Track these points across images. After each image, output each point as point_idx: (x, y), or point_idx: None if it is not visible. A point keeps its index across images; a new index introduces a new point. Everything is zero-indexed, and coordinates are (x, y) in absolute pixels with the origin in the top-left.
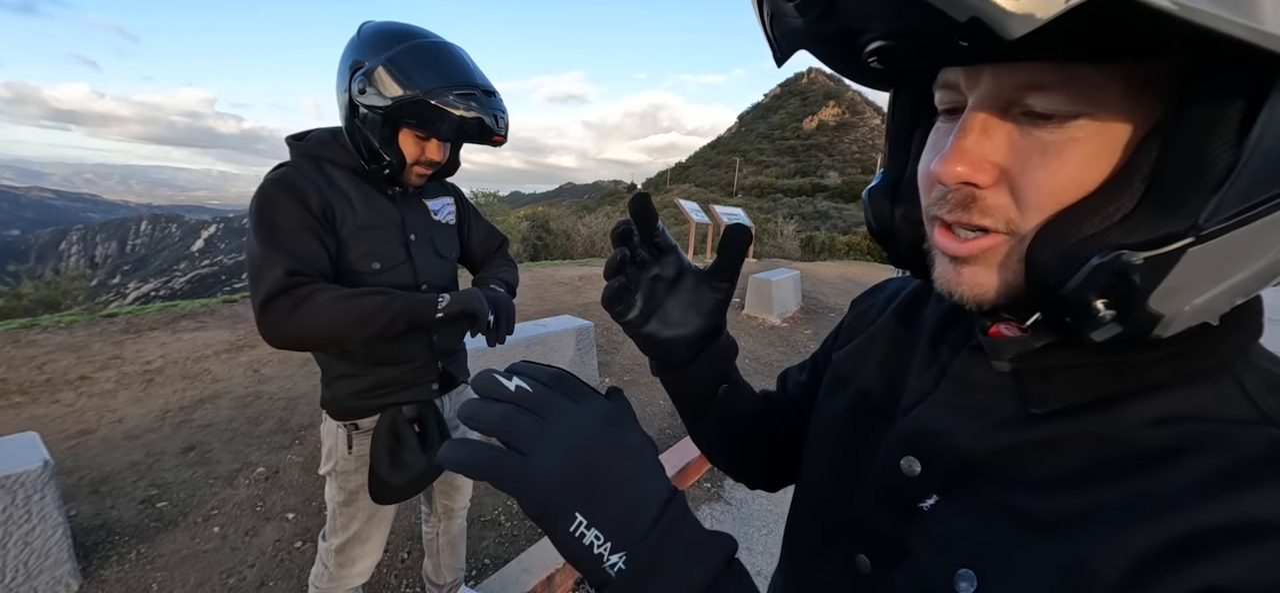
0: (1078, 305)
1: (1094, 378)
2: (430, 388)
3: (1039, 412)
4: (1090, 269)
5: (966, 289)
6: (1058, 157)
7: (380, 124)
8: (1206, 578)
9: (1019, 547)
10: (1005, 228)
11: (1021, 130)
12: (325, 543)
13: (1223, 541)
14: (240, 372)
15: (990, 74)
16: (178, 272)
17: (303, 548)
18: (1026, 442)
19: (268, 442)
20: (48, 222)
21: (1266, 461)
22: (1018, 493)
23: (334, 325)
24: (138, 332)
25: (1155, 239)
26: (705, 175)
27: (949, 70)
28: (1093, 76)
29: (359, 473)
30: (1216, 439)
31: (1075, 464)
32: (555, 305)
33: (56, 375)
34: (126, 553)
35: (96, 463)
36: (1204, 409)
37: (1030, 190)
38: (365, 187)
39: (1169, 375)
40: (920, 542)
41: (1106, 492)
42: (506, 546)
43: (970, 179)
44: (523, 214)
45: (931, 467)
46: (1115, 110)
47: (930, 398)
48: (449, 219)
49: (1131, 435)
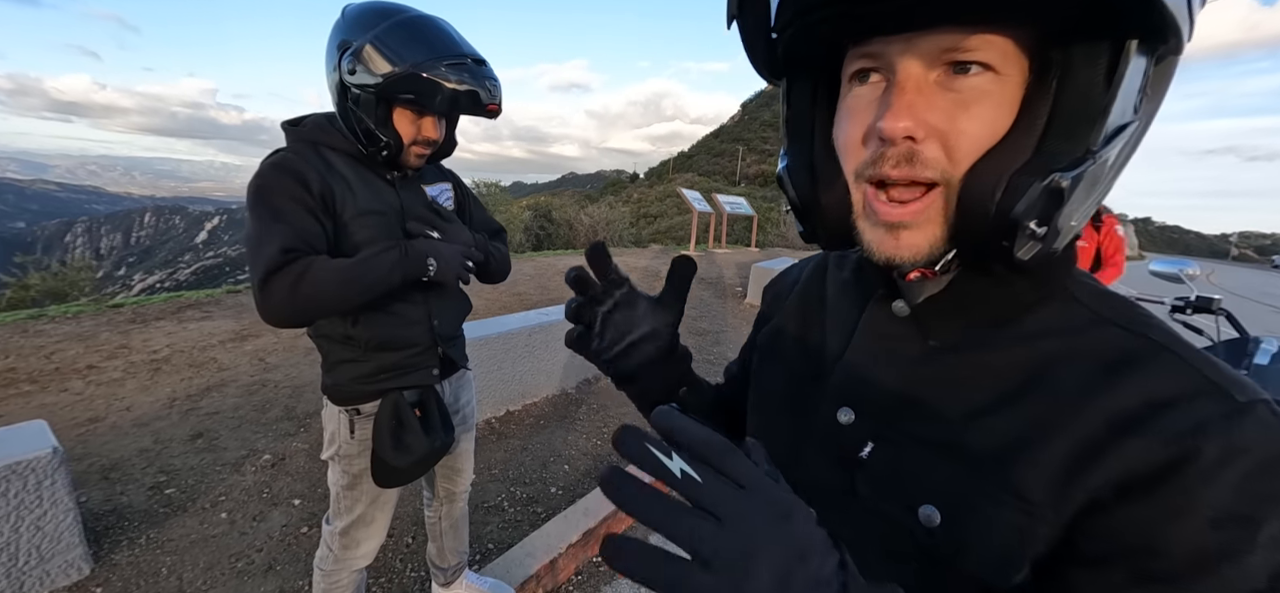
0: (1014, 226)
1: (979, 308)
2: (431, 373)
3: (937, 345)
4: (1036, 192)
5: (905, 250)
6: (975, 108)
7: (374, 104)
8: (1112, 468)
9: (965, 473)
10: (940, 177)
11: (943, 89)
12: (329, 527)
13: (1119, 431)
14: (246, 360)
15: (921, 39)
16: (182, 263)
17: (309, 533)
18: (940, 376)
19: (274, 429)
20: (53, 214)
21: (1122, 355)
22: (943, 428)
23: (337, 295)
24: (144, 322)
25: (1071, 164)
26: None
27: (875, 41)
28: (996, 38)
29: (362, 457)
30: (1077, 349)
31: (989, 394)
32: (557, 294)
33: (65, 365)
34: (137, 538)
35: (106, 450)
36: (1062, 320)
37: (958, 139)
38: (364, 171)
39: (1032, 299)
40: (868, 484)
41: (1017, 416)
42: (510, 530)
43: (912, 133)
44: (525, 204)
45: (863, 411)
46: (1012, 66)
47: (849, 351)
48: (448, 204)
49: (1014, 359)
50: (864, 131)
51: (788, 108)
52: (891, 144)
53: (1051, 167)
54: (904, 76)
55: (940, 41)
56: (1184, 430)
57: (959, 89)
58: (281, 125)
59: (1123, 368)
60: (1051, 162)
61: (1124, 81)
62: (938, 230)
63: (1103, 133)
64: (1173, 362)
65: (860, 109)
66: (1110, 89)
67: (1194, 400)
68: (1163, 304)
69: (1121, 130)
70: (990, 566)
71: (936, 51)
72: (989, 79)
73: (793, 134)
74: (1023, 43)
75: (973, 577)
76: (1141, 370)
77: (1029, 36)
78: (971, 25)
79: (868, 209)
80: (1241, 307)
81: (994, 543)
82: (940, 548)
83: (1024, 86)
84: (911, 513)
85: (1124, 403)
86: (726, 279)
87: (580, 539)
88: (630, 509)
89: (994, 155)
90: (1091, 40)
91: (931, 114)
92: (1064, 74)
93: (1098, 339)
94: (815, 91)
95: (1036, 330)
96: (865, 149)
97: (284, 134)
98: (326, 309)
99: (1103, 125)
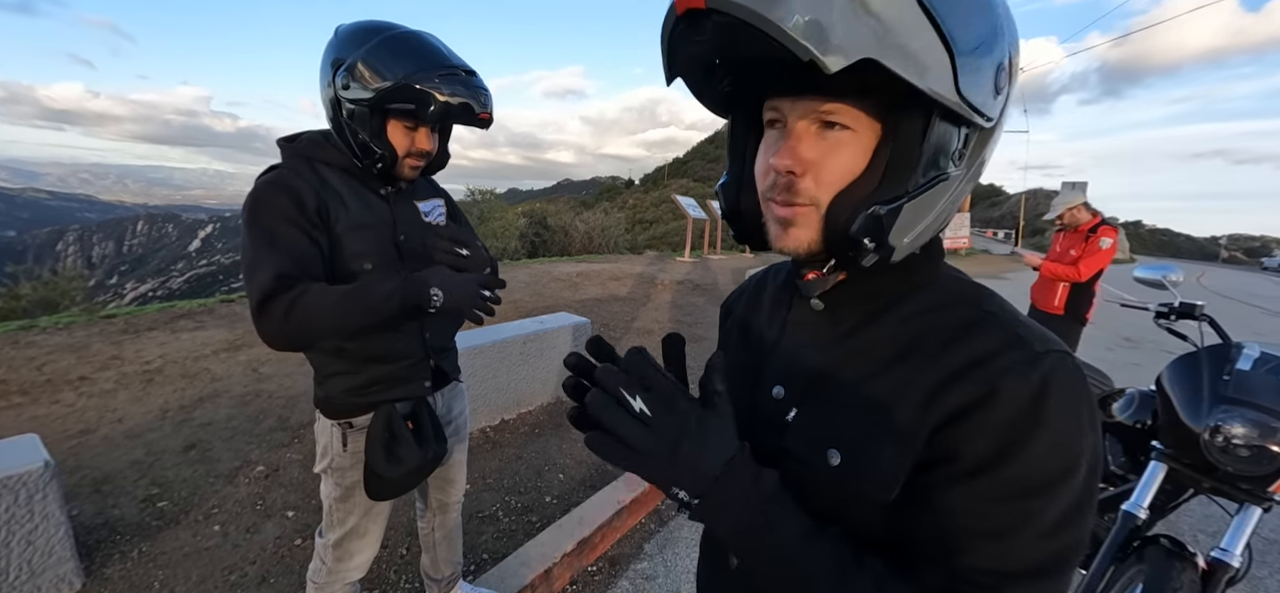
0: (856, 242)
1: (869, 298)
2: (423, 385)
3: (842, 330)
4: (861, 218)
5: (791, 241)
6: (838, 154)
7: (368, 117)
8: (949, 404)
9: (859, 422)
10: (811, 202)
11: (818, 137)
12: (322, 539)
13: (955, 378)
14: (239, 370)
15: (805, 101)
16: (175, 271)
17: (303, 545)
18: (844, 353)
19: (267, 440)
20: (44, 222)
21: (964, 325)
22: (848, 391)
23: (331, 325)
24: (137, 332)
25: (891, 199)
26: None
27: (778, 99)
28: (854, 105)
29: (354, 469)
30: (938, 323)
31: (876, 362)
32: (553, 301)
33: (56, 376)
34: (129, 551)
35: (98, 462)
36: (930, 302)
37: (825, 174)
38: (358, 186)
39: (908, 288)
40: (792, 441)
41: (895, 376)
42: (504, 540)
43: (793, 169)
44: (520, 210)
45: (790, 387)
46: (865, 125)
47: (782, 340)
48: (440, 220)
49: (895, 334)
50: (767, 164)
51: (731, 136)
52: (779, 175)
53: (877, 200)
54: (791, 127)
55: (813, 106)
56: (994, 374)
57: (827, 138)
58: (277, 142)
59: (965, 333)
60: (879, 197)
61: (930, 144)
62: (814, 234)
63: (916, 179)
64: (998, 325)
65: (769, 146)
66: (921, 148)
67: (1004, 351)
68: (1147, 310)
69: (938, 179)
70: (877, 486)
71: (811, 112)
72: (847, 134)
73: (732, 156)
74: (871, 111)
75: (864, 497)
76: (978, 334)
77: (875, 107)
78: (834, 97)
79: (770, 215)
80: (1232, 308)
81: (877, 472)
82: (841, 481)
83: (876, 141)
84: (821, 456)
85: (962, 357)
86: (721, 285)
87: (575, 548)
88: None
89: (850, 190)
90: (911, 113)
91: (809, 154)
92: (894, 135)
93: (952, 314)
94: (748, 128)
95: (910, 312)
96: (768, 176)
97: (279, 150)
98: (321, 336)
99: (916, 174)
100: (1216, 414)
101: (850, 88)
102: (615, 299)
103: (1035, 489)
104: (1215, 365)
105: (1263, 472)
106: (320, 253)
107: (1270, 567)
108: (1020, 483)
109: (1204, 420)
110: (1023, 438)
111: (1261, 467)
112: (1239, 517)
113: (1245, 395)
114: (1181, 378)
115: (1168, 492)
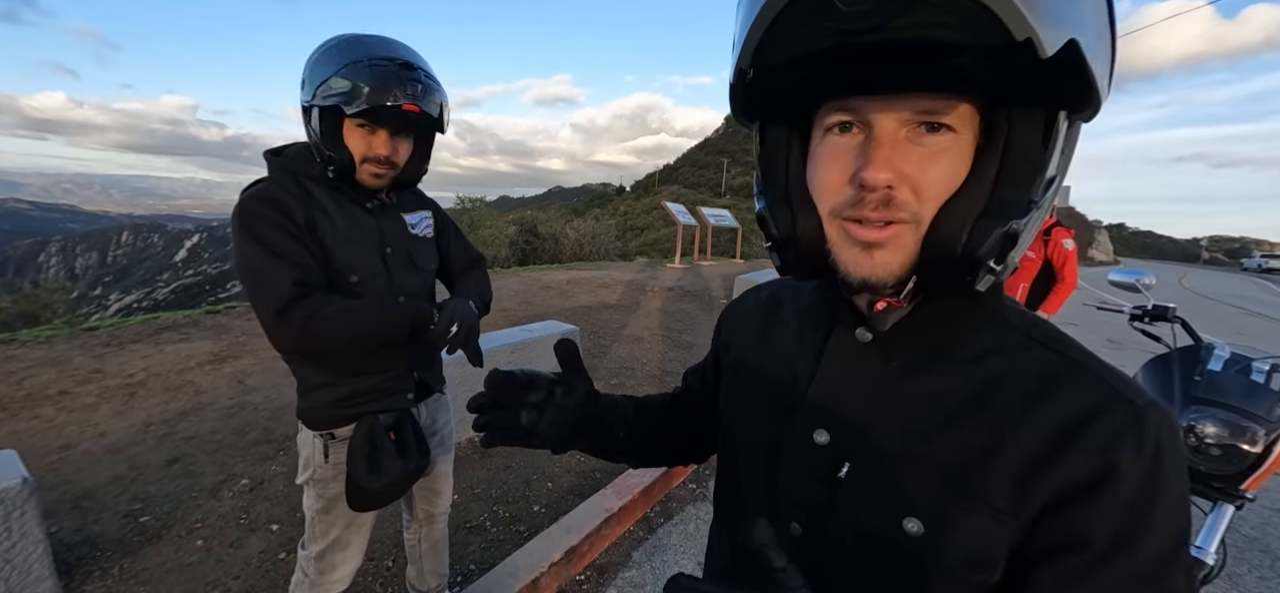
0: (979, 263)
1: (927, 331)
2: (406, 397)
3: (898, 367)
4: (996, 237)
5: (880, 269)
6: (940, 160)
7: (320, 122)
8: (1058, 479)
9: (937, 485)
10: (911, 217)
11: (912, 143)
12: (305, 552)
13: (1061, 445)
14: (224, 382)
15: (906, 98)
16: (160, 282)
17: (287, 559)
18: (903, 397)
19: (252, 452)
20: (25, 233)
21: (1047, 374)
22: (919, 446)
23: (350, 335)
24: (119, 344)
25: (1021, 211)
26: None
27: (859, 99)
28: (959, 105)
29: (336, 481)
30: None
31: (946, 412)
32: (542, 309)
33: (36, 390)
34: (109, 568)
35: (78, 478)
36: (998, 340)
37: (928, 187)
38: (342, 199)
39: (974, 321)
40: (851, 500)
41: (973, 430)
42: (492, 550)
43: (892, 182)
44: (511, 218)
45: (837, 433)
46: (967, 127)
47: (819, 375)
48: (427, 232)
49: (966, 377)
50: (845, 177)
51: (762, 148)
52: (872, 190)
53: (1007, 214)
54: (882, 132)
55: (918, 105)
56: (1106, 442)
57: (927, 145)
58: (264, 155)
59: (1052, 384)
60: (1006, 209)
61: (1057, 142)
62: (907, 257)
63: (1042, 185)
64: (1089, 377)
65: (839, 156)
66: (1047, 150)
67: (1108, 411)
68: (1122, 312)
69: (1052, 182)
70: (969, 566)
71: (912, 114)
72: (950, 137)
73: (768, 172)
74: (975, 107)
75: (951, 577)
76: (1068, 386)
77: (980, 102)
78: (943, 93)
79: (844, 236)
80: (1215, 309)
81: (970, 546)
82: (925, 554)
83: (975, 143)
84: (896, 524)
85: (1058, 418)
86: (711, 291)
87: (563, 557)
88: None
89: (956, 202)
90: (1030, 108)
91: (906, 165)
92: (1009, 136)
93: (1031, 358)
94: (789, 136)
95: (979, 351)
96: (844, 192)
97: (266, 163)
98: (333, 347)
99: (1042, 179)
100: (1188, 415)
101: (957, 81)
102: (605, 307)
103: (1165, 562)
104: (1186, 367)
105: (1234, 470)
106: (317, 263)
107: (1250, 563)
108: (1152, 563)
109: None
110: (1147, 517)
111: (1233, 465)
112: (1213, 514)
113: (1216, 396)
114: (1154, 380)
115: None
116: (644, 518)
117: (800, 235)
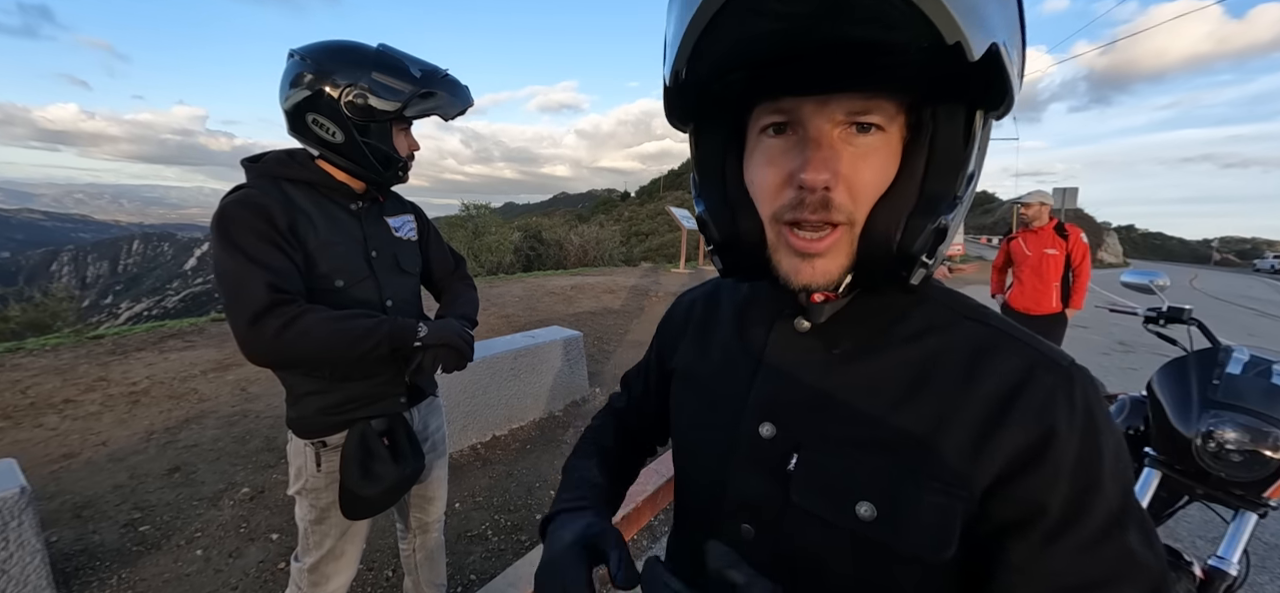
0: (913, 259)
1: (865, 318)
2: (398, 401)
3: (838, 354)
4: (928, 232)
5: (818, 276)
6: (871, 159)
7: (371, 121)
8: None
9: (888, 467)
10: (847, 219)
11: (846, 144)
12: (298, 564)
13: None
14: (227, 391)
15: (838, 99)
16: (170, 290)
17: (286, 569)
18: (844, 382)
19: (254, 461)
20: (38, 243)
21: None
22: (864, 429)
23: (325, 348)
24: (124, 353)
25: (948, 207)
26: None
27: (792, 99)
28: (887, 104)
29: (329, 490)
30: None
31: (889, 394)
32: (547, 315)
33: (41, 399)
34: (107, 578)
35: (79, 487)
36: (931, 320)
37: (861, 187)
38: (325, 203)
39: (907, 305)
40: (802, 494)
41: (918, 410)
42: (493, 559)
43: (830, 184)
44: (516, 224)
45: (782, 423)
46: (896, 124)
47: (762, 369)
48: (410, 235)
49: (904, 359)
50: (782, 179)
51: (703, 153)
52: (811, 192)
53: (937, 210)
54: (817, 133)
55: (849, 105)
56: (1040, 407)
57: (858, 145)
58: (242, 163)
59: (983, 357)
60: (935, 205)
61: (976, 139)
62: (845, 260)
63: (964, 180)
64: (1016, 345)
65: (776, 158)
66: (968, 147)
67: (1036, 375)
68: (1136, 314)
69: (972, 177)
70: (926, 544)
71: (844, 114)
72: (880, 137)
73: (706, 174)
74: (901, 107)
75: (912, 558)
76: (993, 355)
77: (905, 102)
78: (871, 92)
79: (784, 242)
80: (1227, 310)
81: (927, 523)
82: (881, 537)
83: (902, 143)
84: (848, 512)
85: (995, 388)
86: None
87: None
88: None
89: (889, 200)
90: (953, 105)
91: (841, 165)
92: (935, 134)
93: (963, 334)
94: (726, 139)
95: (914, 332)
96: (783, 194)
97: (244, 171)
98: (309, 359)
99: (964, 175)
100: (1207, 419)
101: (885, 81)
102: (609, 312)
103: (1118, 512)
104: (1204, 370)
105: (1256, 477)
106: (298, 269)
107: (1271, 572)
108: (1108, 514)
109: (1194, 426)
110: (1096, 472)
111: (1254, 472)
112: (1235, 523)
113: (1235, 400)
114: (1171, 383)
115: (1163, 500)
116: (647, 526)
117: (742, 238)
